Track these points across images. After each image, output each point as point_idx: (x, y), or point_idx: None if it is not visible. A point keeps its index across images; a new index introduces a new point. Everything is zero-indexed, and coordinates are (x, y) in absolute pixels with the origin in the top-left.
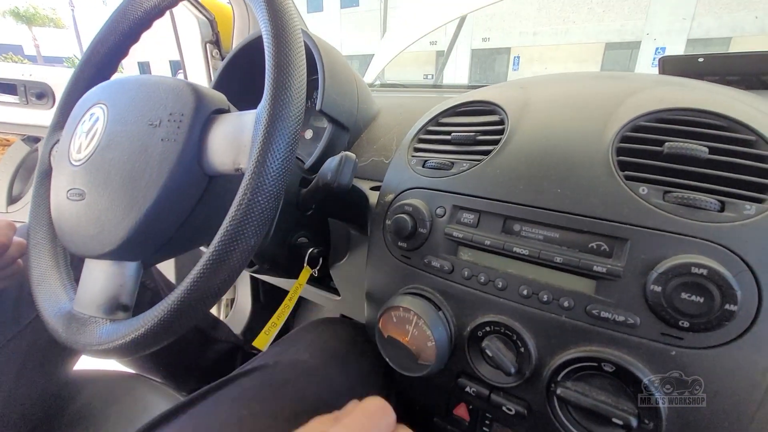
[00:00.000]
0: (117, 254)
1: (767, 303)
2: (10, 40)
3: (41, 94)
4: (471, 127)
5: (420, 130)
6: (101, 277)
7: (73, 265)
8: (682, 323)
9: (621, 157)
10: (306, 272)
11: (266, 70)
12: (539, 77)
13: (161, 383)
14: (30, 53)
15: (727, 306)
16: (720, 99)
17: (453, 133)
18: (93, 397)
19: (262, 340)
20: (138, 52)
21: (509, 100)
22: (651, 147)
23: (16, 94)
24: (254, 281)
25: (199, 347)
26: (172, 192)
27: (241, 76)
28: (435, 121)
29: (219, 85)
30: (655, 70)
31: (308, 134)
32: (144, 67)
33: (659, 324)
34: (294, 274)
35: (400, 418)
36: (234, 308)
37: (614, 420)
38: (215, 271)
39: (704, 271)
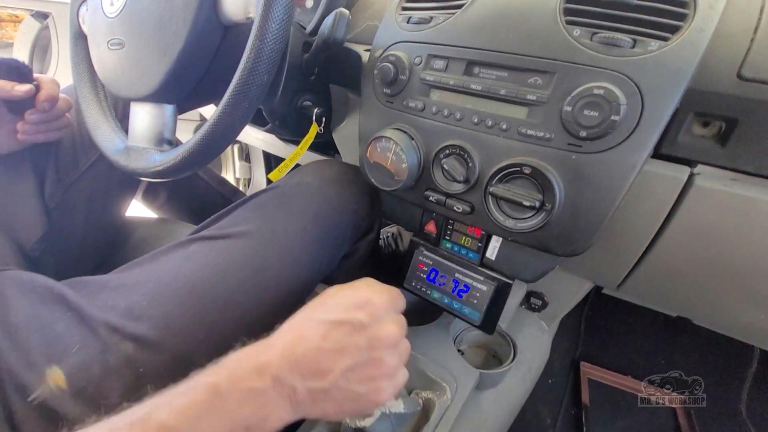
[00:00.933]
0: (157, 96)
1: (645, 118)
2: None
3: None
4: None
5: None
6: (147, 118)
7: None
8: (582, 134)
9: (567, 5)
10: (314, 127)
11: None
12: None
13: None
14: None
15: (613, 117)
16: None
17: None
18: (145, 234)
19: (276, 174)
20: None
21: None
22: None
23: None
24: (268, 162)
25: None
26: (195, 38)
27: None
28: None
29: None
30: None
31: (309, 3)
32: None
33: (567, 136)
34: (301, 134)
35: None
36: (251, 187)
37: (525, 203)
38: (236, 104)
39: (602, 92)
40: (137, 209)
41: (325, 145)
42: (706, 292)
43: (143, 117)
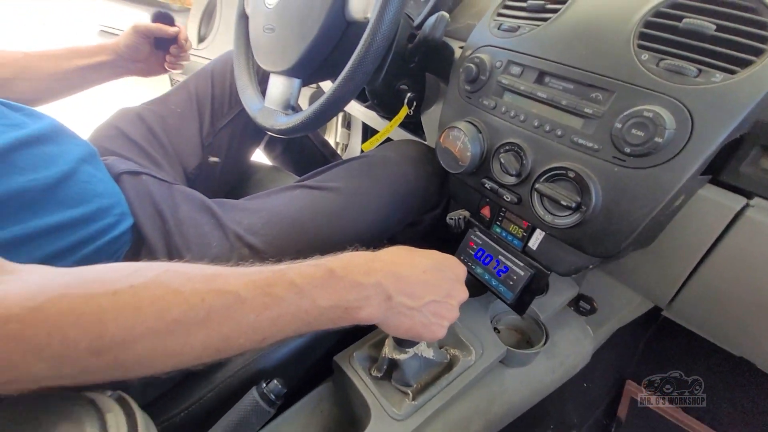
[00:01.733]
0: (290, 72)
1: (692, 144)
2: None
3: None
4: None
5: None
6: (281, 87)
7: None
8: (626, 150)
9: (643, 29)
10: (404, 109)
11: None
12: None
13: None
14: None
15: (656, 139)
16: None
17: (529, 1)
18: (263, 176)
19: (368, 145)
20: None
21: None
22: (671, 22)
23: None
24: (365, 132)
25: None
26: (325, 30)
27: None
28: None
29: None
30: None
31: None
32: None
33: (613, 150)
34: (394, 112)
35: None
36: (347, 151)
37: (563, 203)
38: (345, 86)
39: (651, 115)
40: (258, 156)
41: (415, 125)
42: (756, 327)
43: (278, 86)
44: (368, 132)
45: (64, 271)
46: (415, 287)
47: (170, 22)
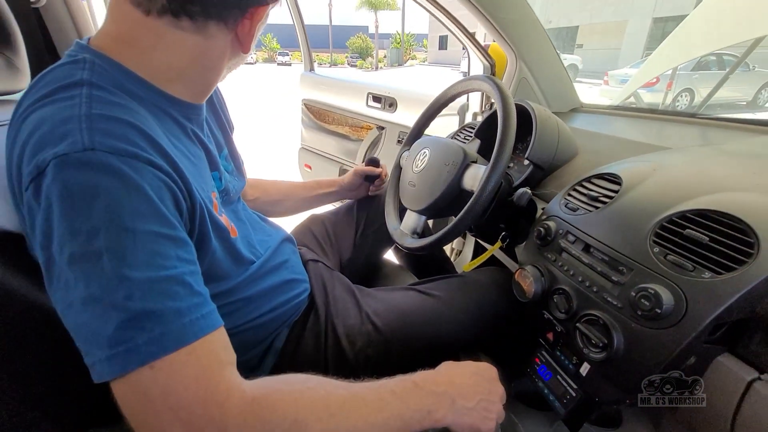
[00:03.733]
0: (421, 212)
1: (687, 319)
2: (359, 22)
3: (391, 104)
4: (599, 189)
5: (575, 183)
6: (413, 219)
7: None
8: (638, 312)
9: (658, 230)
10: (498, 244)
11: (496, 143)
12: (684, 153)
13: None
14: (371, 31)
15: (656, 309)
16: (748, 201)
17: (588, 189)
18: (389, 271)
19: (467, 267)
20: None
21: (632, 176)
22: (677, 229)
23: (380, 103)
24: (476, 246)
25: (434, 268)
26: (446, 191)
27: (491, 126)
28: (585, 179)
29: (479, 131)
30: None
31: (525, 162)
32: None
33: (630, 310)
34: (492, 242)
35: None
36: (459, 257)
37: (593, 341)
38: (459, 224)
39: (653, 292)
40: (389, 254)
41: (511, 253)
42: None
43: (411, 218)
44: (479, 248)
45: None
46: (467, 390)
47: (377, 164)
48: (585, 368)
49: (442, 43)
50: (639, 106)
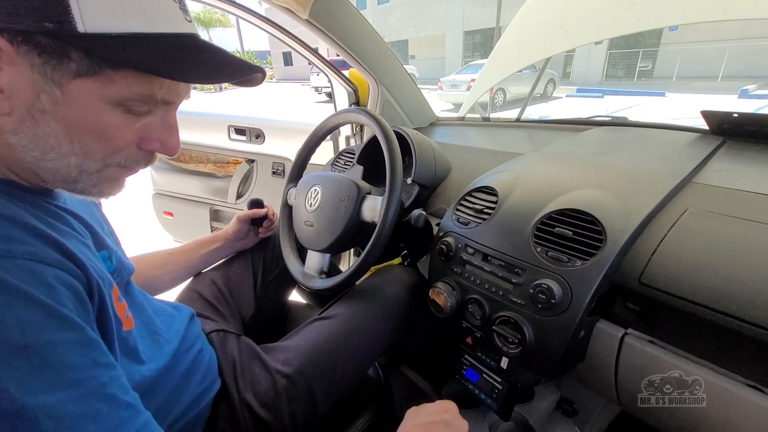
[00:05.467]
0: (324, 250)
1: (573, 302)
2: None
3: (258, 135)
4: (481, 202)
5: (460, 198)
6: (317, 259)
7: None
8: (539, 305)
9: (535, 232)
10: (397, 260)
11: (386, 174)
12: (533, 161)
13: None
14: None
15: (552, 300)
16: (591, 197)
17: (473, 203)
18: (295, 312)
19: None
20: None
21: (503, 186)
22: (549, 228)
23: (245, 135)
24: None
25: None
26: (347, 227)
27: (371, 152)
28: (467, 193)
29: (361, 157)
30: None
31: (408, 180)
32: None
33: (532, 305)
34: (389, 259)
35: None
36: None
37: (509, 339)
38: (365, 261)
39: (546, 286)
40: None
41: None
42: (665, 417)
43: (314, 258)
44: None
45: None
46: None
47: (261, 205)
48: (504, 362)
49: (287, 59)
50: (481, 116)
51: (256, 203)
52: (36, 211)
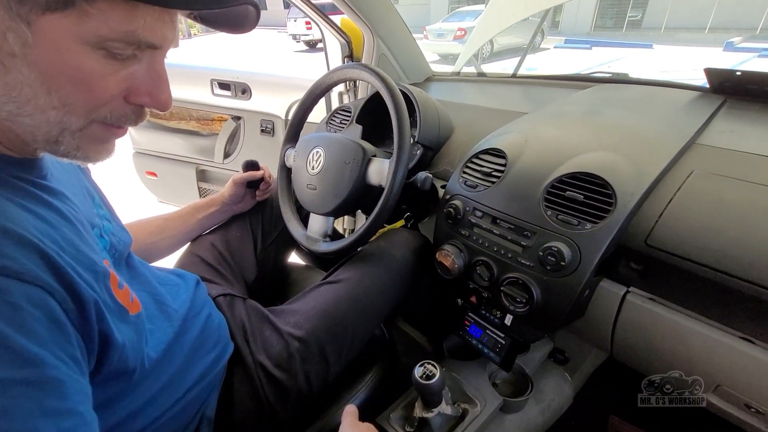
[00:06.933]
0: (328, 214)
1: (582, 264)
2: None
3: (244, 90)
4: (489, 164)
5: (466, 160)
6: (320, 222)
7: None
8: (548, 267)
9: (546, 195)
10: (400, 222)
11: (394, 135)
12: (539, 122)
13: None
14: None
15: (561, 262)
16: (602, 160)
17: (480, 166)
18: (297, 276)
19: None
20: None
21: (512, 148)
22: (559, 192)
23: (229, 90)
24: None
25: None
26: (352, 191)
27: (371, 110)
28: (474, 155)
29: (360, 117)
30: None
31: (415, 144)
32: None
33: (540, 266)
34: (390, 222)
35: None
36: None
37: (518, 299)
38: (374, 224)
39: (556, 249)
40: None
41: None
42: (658, 365)
43: (318, 221)
44: None
45: None
46: None
47: (257, 167)
48: (509, 319)
49: (261, 2)
50: (476, 70)
51: (252, 165)
52: (21, 199)
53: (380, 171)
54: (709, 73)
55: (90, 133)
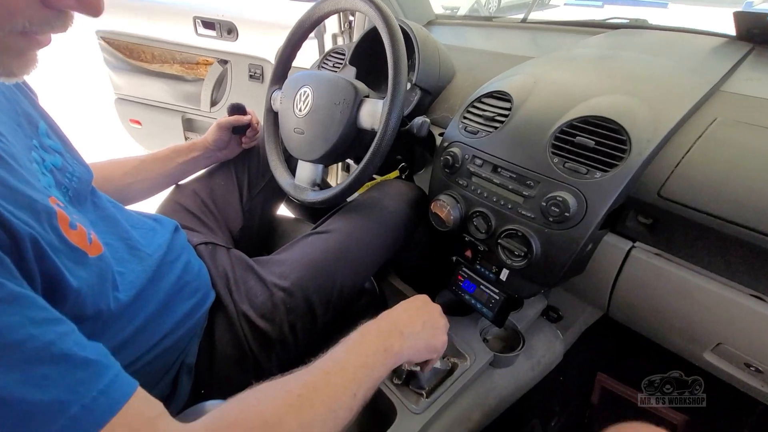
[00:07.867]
0: (318, 161)
1: (588, 215)
2: None
3: (230, 30)
4: (493, 108)
5: (468, 105)
6: (309, 170)
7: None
8: (550, 218)
9: (554, 142)
10: (394, 173)
11: (389, 73)
12: (551, 64)
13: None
14: None
15: (566, 213)
16: (617, 104)
17: (483, 110)
18: (286, 227)
19: (361, 189)
20: None
21: (518, 91)
22: (569, 137)
23: (214, 30)
24: None
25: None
26: (342, 135)
27: (366, 51)
28: (476, 99)
29: (354, 57)
30: None
31: (407, 86)
32: None
33: (542, 218)
34: (383, 172)
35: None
36: None
37: (516, 252)
38: (364, 171)
39: (561, 199)
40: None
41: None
42: (657, 324)
43: (306, 169)
44: None
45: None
46: (409, 319)
47: (243, 111)
48: (504, 274)
49: None
50: (481, 15)
51: (238, 108)
52: None
53: (373, 112)
54: (738, 16)
55: (7, 45)
